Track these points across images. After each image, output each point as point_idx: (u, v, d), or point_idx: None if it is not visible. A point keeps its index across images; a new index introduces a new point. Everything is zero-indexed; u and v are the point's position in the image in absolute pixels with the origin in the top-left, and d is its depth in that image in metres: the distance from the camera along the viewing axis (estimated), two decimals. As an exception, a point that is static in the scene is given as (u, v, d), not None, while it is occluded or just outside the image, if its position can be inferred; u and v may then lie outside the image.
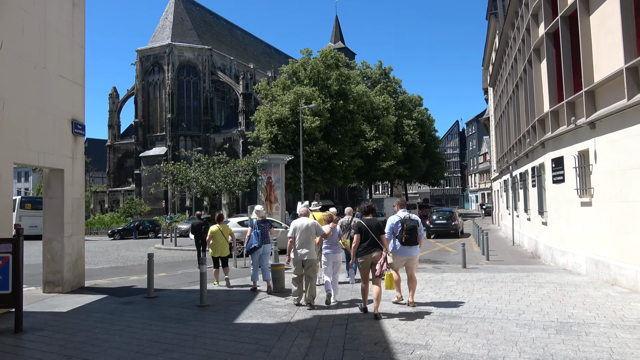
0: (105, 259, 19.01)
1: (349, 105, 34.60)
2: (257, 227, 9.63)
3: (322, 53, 34.99)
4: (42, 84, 9.08)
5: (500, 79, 23.81)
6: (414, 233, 7.68)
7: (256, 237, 9.58)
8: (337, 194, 70.99)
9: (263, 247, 9.68)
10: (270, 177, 26.67)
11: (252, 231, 9.70)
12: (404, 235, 7.63)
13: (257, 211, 9.90)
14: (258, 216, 9.82)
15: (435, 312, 7.50)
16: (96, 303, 8.80)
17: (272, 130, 32.33)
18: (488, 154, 72.25)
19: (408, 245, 7.74)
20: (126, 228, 36.90)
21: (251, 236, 9.68)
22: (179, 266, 15.77)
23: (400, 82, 53.28)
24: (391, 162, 40.34)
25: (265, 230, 9.72)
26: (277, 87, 35.57)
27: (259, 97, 42.70)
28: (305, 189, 31.04)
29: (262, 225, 9.68)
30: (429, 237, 24.88)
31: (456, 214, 26.01)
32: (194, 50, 58.00)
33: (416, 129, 49.23)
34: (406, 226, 7.66)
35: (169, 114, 56.84)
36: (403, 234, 7.63)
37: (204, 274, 8.42)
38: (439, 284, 10.16)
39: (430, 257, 16.29)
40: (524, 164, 17.45)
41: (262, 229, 9.64)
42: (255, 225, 9.70)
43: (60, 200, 9.71)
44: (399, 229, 7.69)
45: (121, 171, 62.72)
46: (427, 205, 55.95)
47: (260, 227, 9.63)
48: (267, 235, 9.79)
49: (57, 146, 9.57)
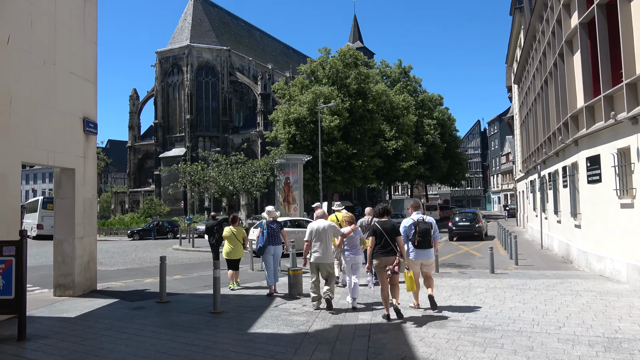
0: (122, 260, 18.83)
1: (368, 104, 33.94)
2: (265, 227, 9.40)
3: (341, 52, 34.40)
4: (52, 81, 8.78)
5: (527, 76, 22.91)
6: (427, 236, 7.50)
7: (262, 236, 9.34)
8: (356, 195, 70.35)
9: (274, 249, 9.42)
10: (289, 178, 26.30)
11: (259, 231, 9.49)
12: (416, 238, 7.48)
13: (269, 212, 9.68)
14: (269, 217, 9.59)
15: (465, 323, 6.90)
16: (106, 308, 8.45)
17: (290, 130, 31.90)
18: (511, 154, 70.57)
19: (421, 248, 7.55)
20: (145, 229, 36.95)
21: (258, 236, 9.47)
22: (195, 268, 15.43)
23: (420, 81, 52.35)
24: (411, 162, 39.50)
25: (275, 231, 9.46)
26: (295, 87, 35.12)
27: (276, 97, 42.38)
28: (324, 190, 30.52)
29: (272, 226, 9.44)
30: (451, 240, 24.13)
31: (480, 216, 25.16)
32: (212, 51, 58.09)
33: (437, 128, 48.22)
34: (419, 229, 7.48)
35: (187, 114, 57.03)
36: (416, 237, 7.48)
37: (217, 279, 7.98)
38: (467, 290, 9.53)
39: (454, 260, 15.60)
40: (553, 164, 16.61)
41: (271, 230, 9.39)
42: (264, 225, 9.47)
43: (71, 200, 9.41)
44: (412, 231, 7.54)
45: (141, 172, 63.22)
46: (448, 206, 54.93)
47: (270, 227, 9.39)
48: (278, 236, 9.51)
49: (68, 145, 9.26)
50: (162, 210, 49.59)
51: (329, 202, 33.84)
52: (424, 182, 59.81)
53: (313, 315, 7.61)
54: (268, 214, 9.67)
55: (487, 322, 6.89)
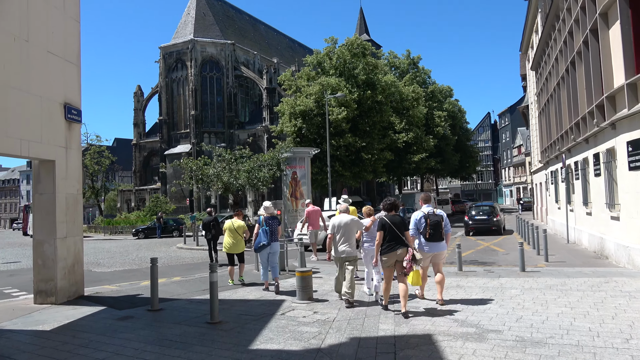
0: (121, 261, 17.85)
1: (377, 95, 32.72)
2: (264, 224, 9.16)
3: (348, 41, 33.18)
4: (24, 60, 7.72)
5: (547, 60, 21.57)
6: (438, 228, 7.46)
7: (264, 234, 9.12)
8: (365, 190, 69.02)
9: (271, 246, 9.23)
10: (296, 172, 25.17)
11: (259, 228, 9.25)
12: (427, 230, 7.44)
13: (266, 207, 9.41)
14: (266, 213, 9.35)
15: (509, 334, 5.77)
16: (89, 318, 7.40)
17: (296, 123, 30.78)
18: (523, 146, 68.95)
19: (433, 241, 7.50)
20: (150, 227, 36.08)
21: (259, 234, 9.23)
22: (196, 269, 14.40)
23: (429, 73, 50.94)
24: (422, 155, 38.20)
25: (274, 227, 9.27)
26: (302, 79, 33.99)
27: (282, 89, 41.27)
28: (333, 185, 29.40)
29: (270, 222, 9.21)
30: (468, 234, 22.92)
31: (497, 209, 23.87)
32: (216, 45, 57.02)
33: (447, 120, 46.89)
34: (430, 221, 7.45)
35: (192, 110, 56.08)
36: (427, 230, 7.44)
37: (214, 284, 6.89)
38: (500, 292, 8.38)
39: (476, 257, 14.42)
40: (581, 151, 15.34)
41: (270, 226, 9.19)
42: (262, 222, 9.21)
43: (51, 196, 8.38)
44: (422, 224, 7.51)
45: (147, 170, 62.44)
46: (459, 200, 53.61)
47: (268, 224, 9.18)
48: (276, 233, 9.33)
49: (46, 133, 8.22)
50: (168, 208, 48.72)
51: (337, 197, 32.72)
52: (435, 176, 58.48)
53: (326, 326, 6.51)
54: (265, 210, 9.38)
55: (535, 334, 5.75)
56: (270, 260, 9.32)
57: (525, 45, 33.14)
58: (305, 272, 8.26)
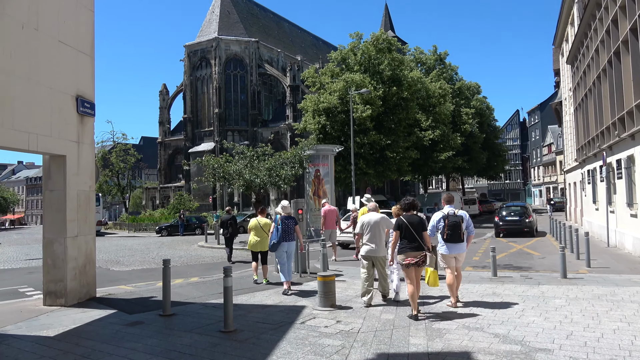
0: (140, 259, 17.59)
1: (403, 92, 31.78)
2: (280, 223, 9.01)
3: (374, 36, 32.35)
4: (33, 49, 7.33)
5: (585, 52, 20.36)
6: (456, 229, 7.31)
7: (276, 232, 8.98)
8: (389, 189, 67.99)
9: (287, 245, 9.08)
10: (319, 170, 24.61)
11: (274, 227, 9.12)
12: (445, 231, 7.34)
13: (283, 207, 9.25)
14: (284, 212, 9.17)
15: (560, 355, 5.03)
16: (97, 323, 6.96)
17: (319, 120, 30.15)
18: (554, 144, 66.68)
19: (451, 242, 7.37)
20: (173, 224, 36.11)
21: (272, 232, 9.13)
22: (215, 269, 13.96)
23: (456, 69, 49.57)
24: (449, 153, 37.02)
25: (289, 227, 9.09)
26: (325, 75, 33.33)
27: (305, 86, 40.73)
28: (356, 183, 28.68)
29: (286, 221, 9.06)
30: (498, 236, 21.91)
31: (530, 210, 22.75)
32: (240, 43, 56.89)
33: (475, 117, 45.48)
34: (448, 222, 7.34)
35: (216, 108, 56.12)
36: (445, 230, 7.35)
37: (228, 289, 6.35)
38: (543, 303, 7.58)
39: (510, 261, 13.53)
40: (625, 148, 14.26)
41: (285, 226, 9.02)
42: (278, 221, 9.06)
43: (62, 193, 7.99)
44: (441, 225, 7.43)
45: (172, 167, 62.90)
46: (487, 200, 52.15)
47: (284, 223, 9.02)
48: (292, 232, 9.14)
49: (56, 127, 7.83)
50: (191, 206, 48.86)
51: (361, 196, 32.01)
52: (461, 175, 57.02)
53: (350, 338, 5.88)
54: (283, 210, 9.19)
55: (592, 355, 4.99)
56: (287, 258, 9.18)
57: (559, 39, 31.70)
58: (327, 276, 7.64)
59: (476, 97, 49.65)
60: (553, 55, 35.79)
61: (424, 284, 7.52)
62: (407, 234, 6.85)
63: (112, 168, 54.36)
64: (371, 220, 7.81)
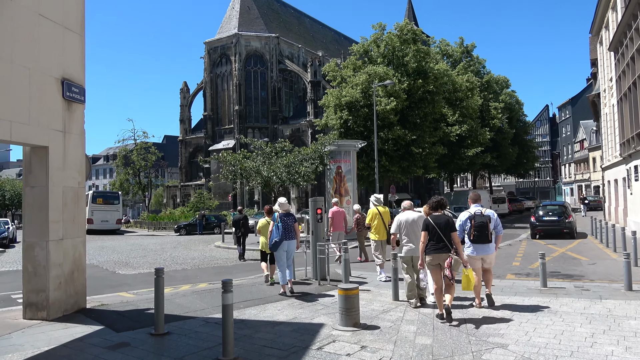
0: (152, 260, 16.65)
1: (429, 85, 30.22)
2: (279, 220, 8.66)
3: (397, 27, 30.86)
4: (4, 22, 6.28)
5: (634, 36, 18.54)
6: (483, 230, 7.09)
7: (277, 230, 8.62)
8: (412, 187, 66.14)
9: (287, 244, 8.70)
10: (340, 167, 23.35)
11: (273, 225, 8.74)
12: (472, 232, 7.14)
13: (281, 204, 8.88)
14: (281, 209, 8.80)
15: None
16: (75, 344, 5.86)
17: (341, 115, 28.85)
18: (586, 140, 63.73)
19: (477, 243, 7.18)
20: (192, 223, 35.40)
21: (272, 231, 8.71)
22: (228, 273, 12.87)
23: (484, 62, 47.53)
24: (477, 149, 35.23)
25: (289, 224, 8.73)
26: (347, 68, 31.99)
27: (326, 81, 39.52)
28: (380, 181, 27.30)
29: (285, 219, 8.72)
30: (534, 237, 20.25)
31: (569, 209, 20.99)
32: (260, 39, 55.99)
33: (504, 112, 43.40)
34: (474, 222, 7.12)
35: (236, 105, 55.36)
36: (472, 231, 7.14)
37: (227, 308, 5.18)
38: (615, 325, 6.16)
39: (557, 267, 12.00)
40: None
41: (285, 223, 8.68)
42: (277, 219, 8.70)
43: (44, 189, 6.96)
44: (467, 225, 7.24)
45: (192, 165, 62.55)
46: (516, 198, 49.99)
47: (283, 221, 8.67)
48: (292, 230, 8.78)
49: (36, 114, 6.78)
50: (211, 204, 48.23)
51: (385, 194, 30.64)
52: (489, 172, 54.86)
53: (379, 374, 4.63)
54: (280, 207, 8.81)
55: None
56: (287, 257, 8.78)
57: (598, 26, 29.62)
58: (350, 290, 6.38)
59: (505, 91, 47.56)
60: (590, 45, 33.64)
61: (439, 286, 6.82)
62: (434, 234, 6.61)
63: (133, 166, 54.31)
64: (408, 219, 7.61)
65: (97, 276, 12.71)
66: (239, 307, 7.73)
